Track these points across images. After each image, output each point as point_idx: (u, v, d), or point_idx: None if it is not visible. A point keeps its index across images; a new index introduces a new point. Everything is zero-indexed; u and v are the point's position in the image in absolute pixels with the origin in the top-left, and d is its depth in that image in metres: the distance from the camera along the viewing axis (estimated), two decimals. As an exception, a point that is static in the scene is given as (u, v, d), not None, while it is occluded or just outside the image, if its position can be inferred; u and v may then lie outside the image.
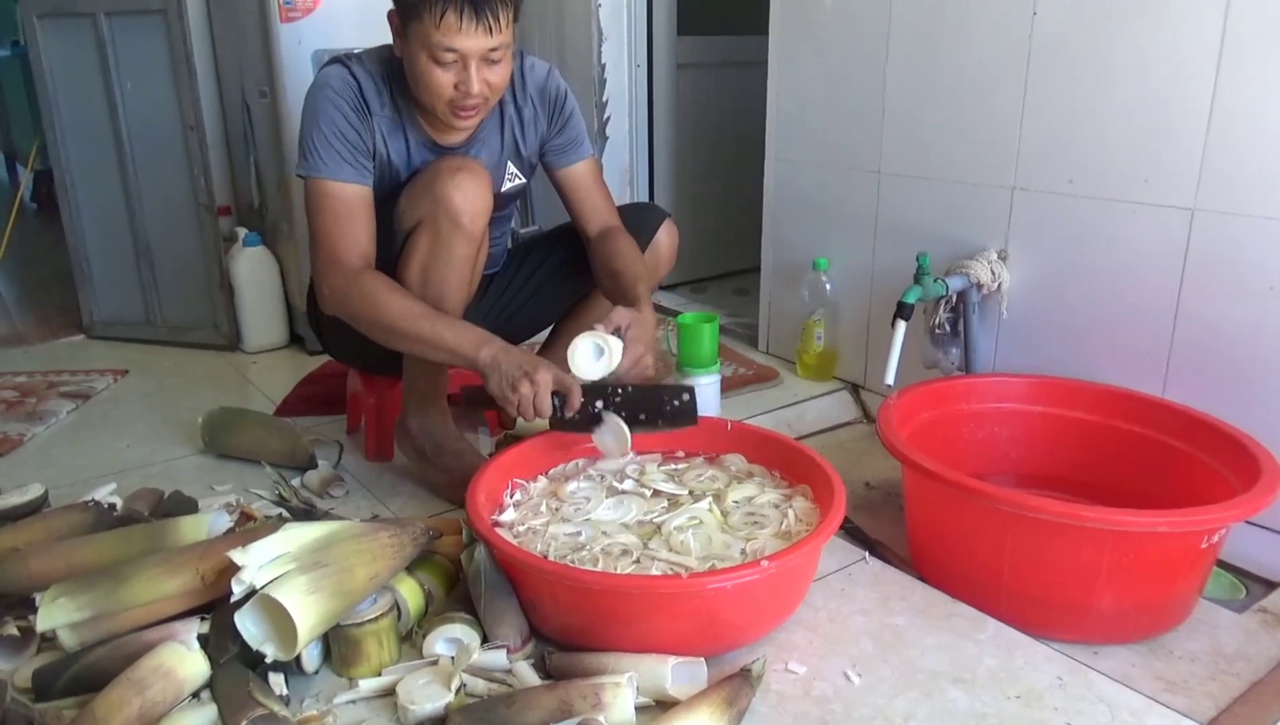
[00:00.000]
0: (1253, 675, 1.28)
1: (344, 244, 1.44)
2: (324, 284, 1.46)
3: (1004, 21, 1.73)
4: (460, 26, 1.34)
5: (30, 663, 1.17)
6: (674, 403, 1.42)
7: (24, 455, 1.89)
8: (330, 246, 1.44)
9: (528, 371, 1.34)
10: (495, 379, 1.35)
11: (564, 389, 1.37)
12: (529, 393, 1.34)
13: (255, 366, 2.43)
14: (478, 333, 1.40)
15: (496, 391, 1.36)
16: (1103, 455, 1.60)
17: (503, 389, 1.35)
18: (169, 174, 2.44)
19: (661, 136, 2.97)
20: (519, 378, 1.34)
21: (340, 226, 1.45)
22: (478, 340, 1.38)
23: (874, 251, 2.09)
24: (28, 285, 3.38)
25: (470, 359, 1.38)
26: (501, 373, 1.35)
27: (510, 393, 1.34)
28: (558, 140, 1.65)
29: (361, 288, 1.42)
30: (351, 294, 1.43)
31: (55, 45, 2.42)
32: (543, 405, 1.35)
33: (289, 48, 2.23)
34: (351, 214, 1.45)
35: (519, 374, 1.34)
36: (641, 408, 1.42)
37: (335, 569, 1.12)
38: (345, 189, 1.45)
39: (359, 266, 1.44)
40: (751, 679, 1.11)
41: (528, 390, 1.33)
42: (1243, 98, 1.45)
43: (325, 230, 1.45)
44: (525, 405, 1.34)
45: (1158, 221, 1.58)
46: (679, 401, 1.42)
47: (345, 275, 1.43)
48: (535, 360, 1.37)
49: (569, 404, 1.38)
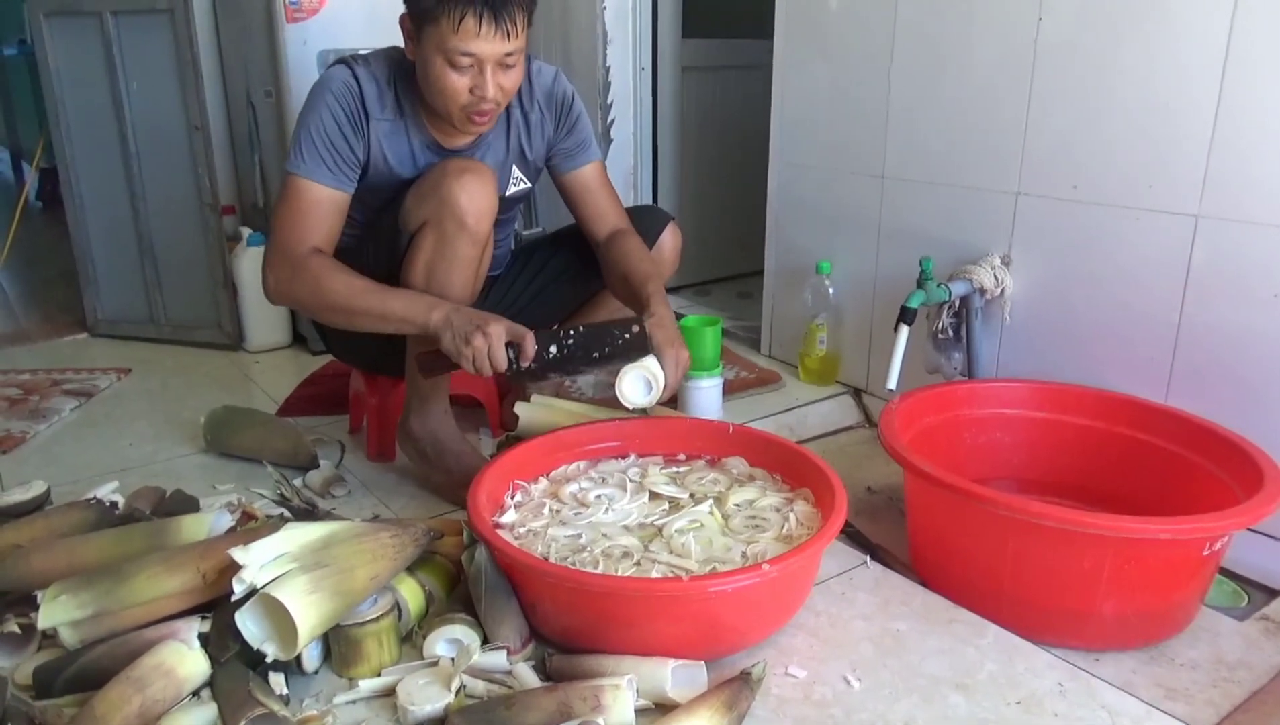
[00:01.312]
0: (1254, 683, 1.28)
1: (296, 237, 1.44)
2: (269, 274, 1.45)
3: (1009, 27, 1.73)
4: (479, 31, 1.34)
5: (31, 660, 1.17)
6: (625, 336, 1.40)
7: (27, 453, 1.89)
8: (283, 238, 1.44)
9: (479, 324, 1.33)
10: (448, 336, 1.35)
11: (518, 338, 1.36)
12: (483, 345, 1.32)
13: (258, 366, 2.44)
14: (426, 298, 1.40)
15: (450, 348, 1.35)
16: (1105, 461, 1.60)
17: (456, 345, 1.34)
18: (174, 173, 2.45)
19: (666, 139, 2.97)
20: (471, 331, 1.33)
21: (299, 222, 1.44)
22: (427, 305, 1.38)
23: (877, 256, 2.09)
24: (32, 283, 3.38)
25: (422, 324, 1.37)
26: (454, 329, 1.34)
27: (464, 347, 1.33)
28: (565, 144, 1.65)
29: (306, 272, 1.41)
30: (295, 279, 1.42)
31: (61, 44, 2.43)
32: (497, 356, 1.33)
33: (295, 48, 2.24)
34: (314, 212, 1.45)
35: (471, 328, 1.33)
36: (595, 347, 1.40)
37: (336, 569, 1.12)
38: (316, 189, 1.45)
39: (304, 253, 1.43)
40: (751, 682, 1.11)
41: (481, 342, 1.32)
42: (1248, 104, 1.45)
43: (283, 223, 1.45)
44: (480, 358, 1.33)
45: (1162, 228, 1.58)
46: (629, 334, 1.40)
47: (291, 263, 1.43)
48: (486, 314, 1.36)
49: (523, 353, 1.36)
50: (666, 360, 1.42)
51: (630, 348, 1.41)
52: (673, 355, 1.43)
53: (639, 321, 1.41)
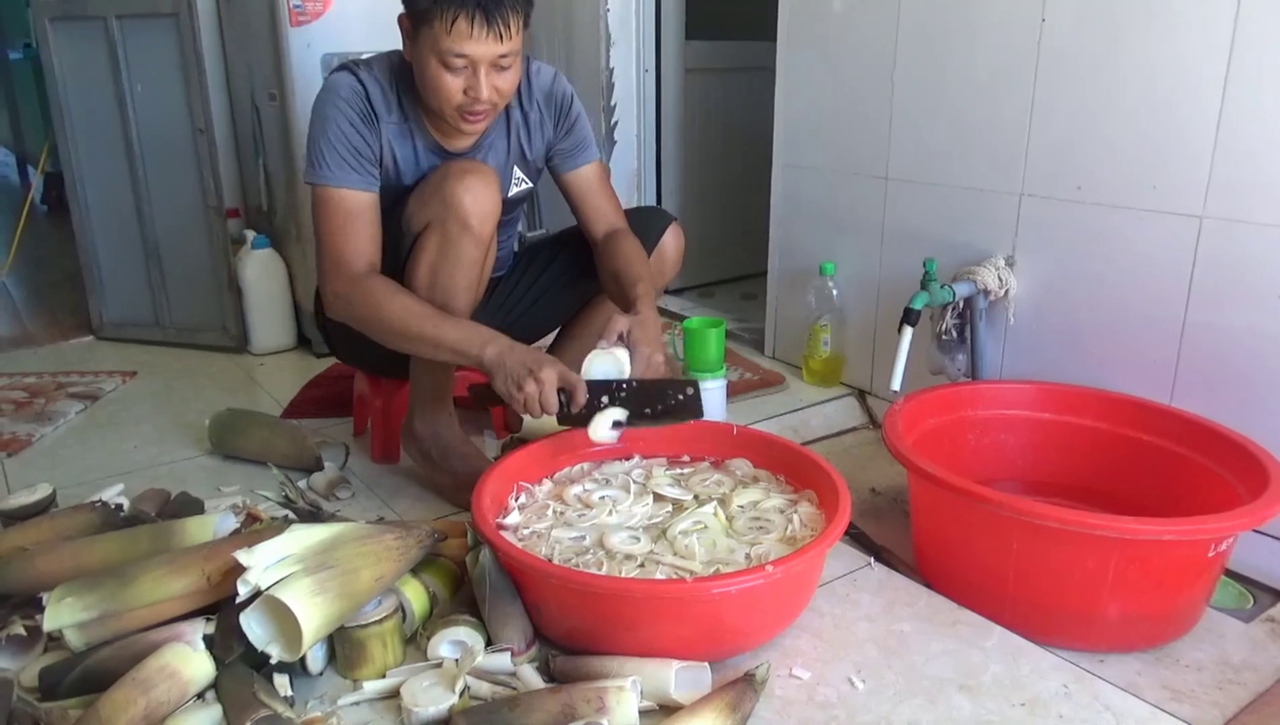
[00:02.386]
0: (1259, 685, 1.27)
1: (348, 249, 1.45)
2: (327, 288, 1.47)
3: (1012, 28, 1.73)
4: (471, 33, 1.35)
5: (36, 662, 1.17)
6: (679, 397, 1.42)
7: (32, 456, 1.90)
8: (334, 252, 1.45)
9: (532, 369, 1.34)
10: (501, 378, 1.36)
11: (569, 386, 1.37)
12: (534, 391, 1.34)
13: (263, 368, 2.44)
14: (481, 331, 1.41)
15: (502, 390, 1.36)
16: (1110, 463, 1.59)
17: (508, 387, 1.35)
18: (178, 176, 2.45)
19: (669, 141, 2.97)
20: (524, 376, 1.34)
21: (345, 232, 1.45)
22: (482, 339, 1.39)
23: (881, 257, 2.09)
24: (38, 287, 3.39)
25: (475, 358, 1.38)
26: (507, 371, 1.35)
27: (516, 392, 1.35)
28: (564, 144, 1.65)
29: (364, 291, 1.43)
30: (354, 297, 1.44)
31: (66, 48, 2.44)
32: (549, 402, 1.35)
33: (298, 51, 2.24)
34: (356, 220, 1.46)
35: (524, 372, 1.34)
36: (646, 402, 1.42)
37: (340, 571, 1.13)
38: (350, 195, 1.46)
39: (363, 270, 1.45)
40: (755, 684, 1.11)
41: (533, 388, 1.34)
42: (1252, 104, 1.45)
43: (330, 236, 1.46)
44: (531, 403, 1.35)
45: (1166, 229, 1.58)
46: (684, 395, 1.42)
47: (348, 279, 1.44)
48: (540, 357, 1.37)
49: (574, 401, 1.38)
50: (638, 358, 1.43)
51: (682, 409, 1.42)
52: (645, 354, 1.44)
53: (694, 384, 1.42)
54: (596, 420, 1.40)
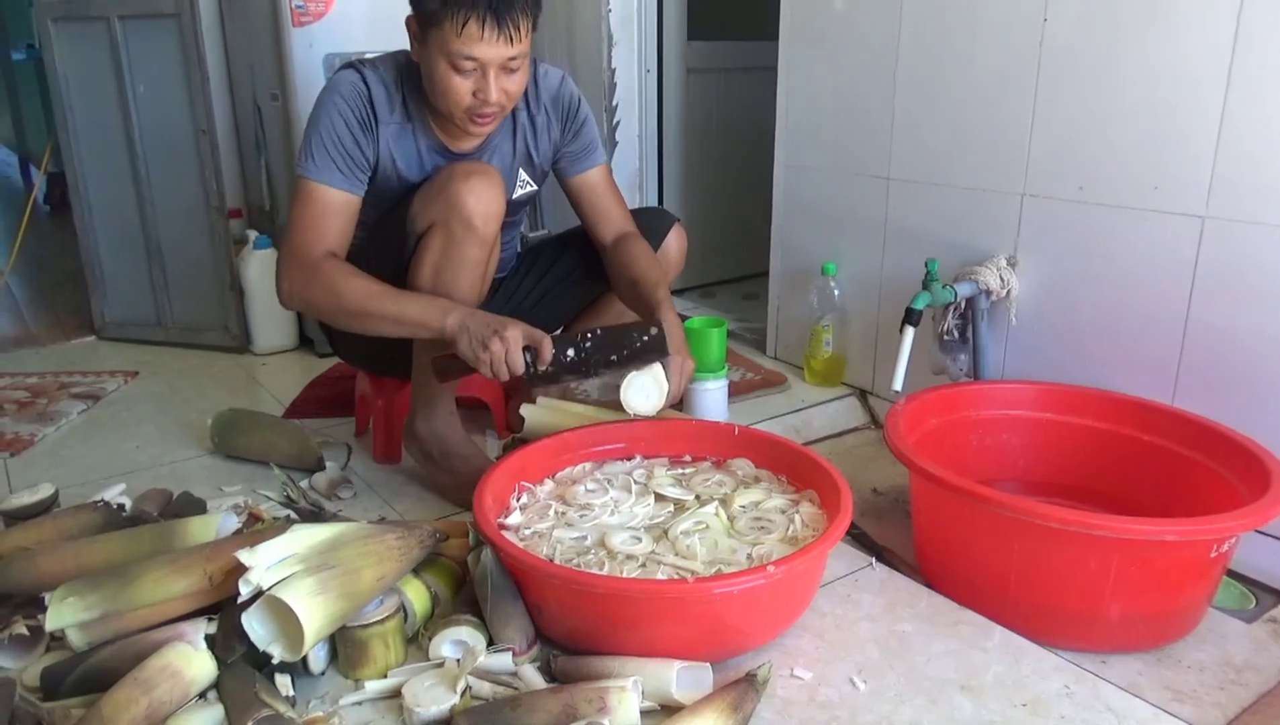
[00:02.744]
0: (1261, 686, 1.27)
1: (311, 240, 1.44)
2: (284, 278, 1.46)
3: (1014, 28, 1.73)
4: (481, 35, 1.35)
5: (39, 662, 1.18)
6: (643, 338, 1.40)
7: (35, 455, 1.90)
8: (297, 242, 1.45)
9: (496, 328, 1.33)
10: (465, 341, 1.35)
11: (535, 342, 1.35)
12: (500, 350, 1.32)
13: (265, 368, 2.45)
14: (442, 302, 1.40)
15: (467, 352, 1.35)
16: (1112, 463, 1.59)
17: (473, 349, 1.34)
18: (181, 177, 2.46)
19: (671, 141, 2.97)
20: (489, 335, 1.33)
21: (313, 226, 1.45)
22: (443, 308, 1.38)
23: (883, 257, 2.09)
24: (40, 287, 3.40)
25: (438, 328, 1.37)
26: (470, 334, 1.34)
27: (481, 352, 1.33)
28: (571, 147, 1.65)
29: (321, 276, 1.42)
30: (311, 283, 1.43)
31: (69, 48, 2.44)
32: (515, 361, 1.33)
33: (301, 51, 2.25)
34: (328, 216, 1.46)
35: (488, 332, 1.33)
36: (612, 350, 1.40)
37: (342, 571, 1.13)
38: (329, 193, 1.46)
39: (321, 256, 1.44)
40: (757, 684, 1.11)
41: (498, 347, 1.32)
42: (1254, 105, 1.45)
43: (297, 227, 1.45)
44: (497, 362, 1.33)
45: (1168, 229, 1.58)
46: (647, 336, 1.40)
47: (304, 267, 1.43)
48: (503, 319, 1.36)
49: (540, 357, 1.36)
50: (671, 367, 1.43)
51: (647, 350, 1.41)
52: (679, 363, 1.44)
53: (655, 324, 1.42)
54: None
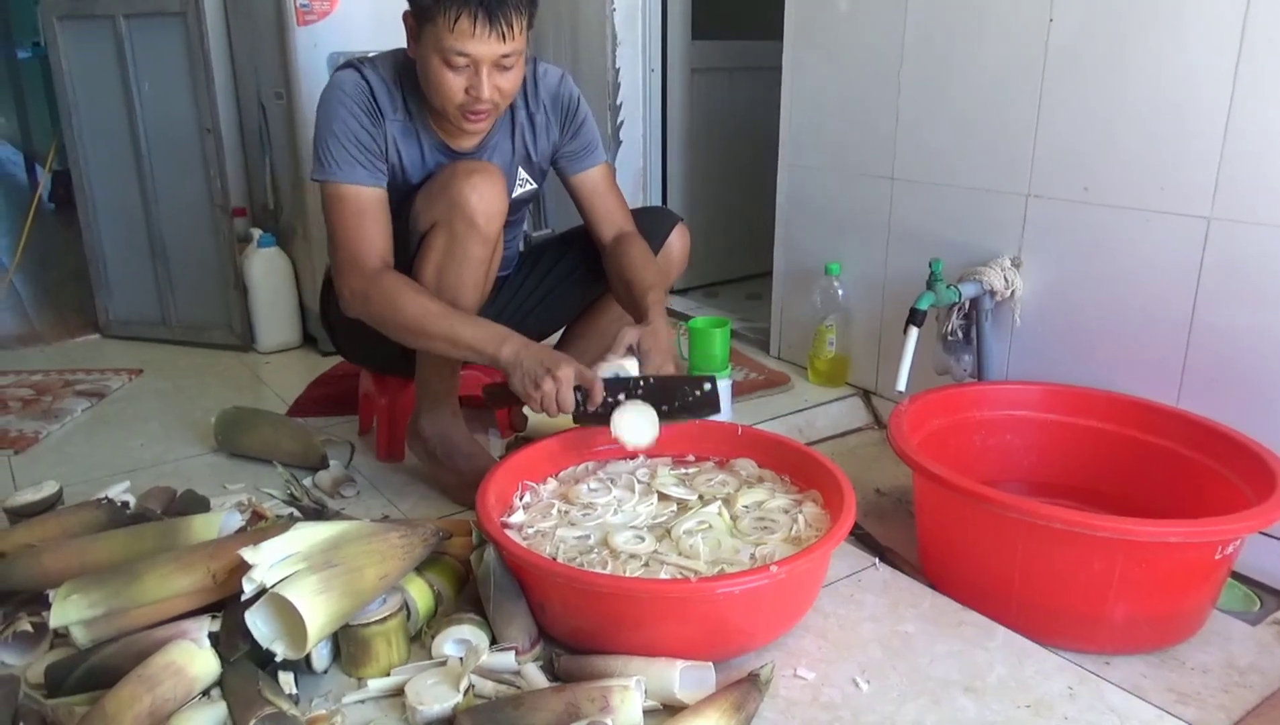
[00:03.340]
0: (1265, 688, 1.27)
1: (362, 246, 1.45)
2: (344, 286, 1.47)
3: (1019, 28, 1.73)
4: (474, 32, 1.35)
5: (43, 659, 1.18)
6: (696, 393, 1.42)
7: (39, 453, 1.90)
8: (349, 249, 1.46)
9: (549, 367, 1.35)
10: (518, 376, 1.36)
11: (586, 383, 1.37)
12: (551, 389, 1.34)
13: (268, 366, 2.45)
14: (497, 329, 1.41)
15: (519, 388, 1.36)
16: (1116, 464, 1.59)
17: (525, 386, 1.36)
18: (185, 175, 2.46)
19: (675, 140, 2.97)
20: (541, 374, 1.34)
21: (357, 229, 1.46)
22: (498, 337, 1.39)
23: (887, 257, 2.09)
24: (45, 284, 3.41)
25: (491, 356, 1.38)
26: (524, 370, 1.36)
27: (533, 390, 1.35)
28: (570, 146, 1.65)
29: (381, 288, 1.43)
30: (372, 295, 1.44)
31: (74, 47, 2.45)
32: (565, 401, 1.35)
33: (305, 50, 2.25)
34: (367, 216, 1.46)
35: (541, 371, 1.35)
36: (664, 399, 1.42)
37: (345, 569, 1.13)
38: (360, 191, 1.46)
39: (378, 267, 1.45)
40: (760, 684, 1.11)
41: (550, 387, 1.34)
42: (1260, 106, 1.44)
43: (343, 233, 1.46)
44: (549, 401, 1.35)
45: (1173, 230, 1.57)
46: (701, 391, 1.42)
47: (364, 277, 1.44)
48: (556, 356, 1.37)
49: (591, 399, 1.38)
50: (647, 367, 1.44)
51: (700, 405, 1.42)
52: (656, 364, 1.44)
53: (711, 380, 1.42)
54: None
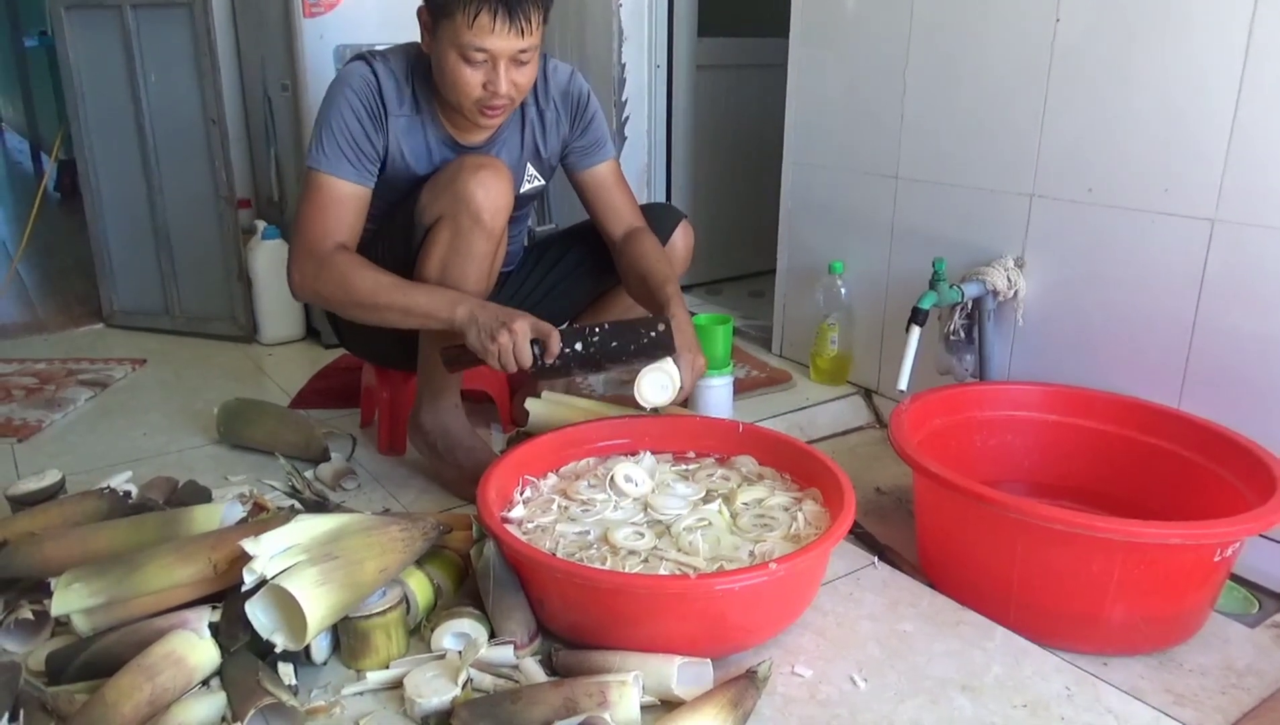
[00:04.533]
0: (1263, 691, 1.27)
1: (321, 232, 1.45)
2: (294, 270, 1.47)
3: (1025, 28, 1.73)
4: (493, 27, 1.35)
5: (44, 647, 1.18)
6: (650, 334, 1.41)
7: (42, 441, 1.91)
8: (307, 234, 1.45)
9: (504, 321, 1.34)
10: (474, 332, 1.36)
11: (542, 335, 1.37)
12: (508, 342, 1.34)
13: (271, 358, 2.45)
14: (451, 293, 1.41)
15: (476, 344, 1.36)
16: (1117, 466, 1.59)
17: (481, 341, 1.35)
18: (190, 166, 2.46)
19: (680, 137, 2.97)
20: (497, 328, 1.34)
21: (322, 217, 1.45)
22: (452, 300, 1.39)
23: (890, 256, 2.09)
24: (49, 273, 3.41)
25: (446, 319, 1.38)
26: (479, 326, 1.35)
27: (489, 343, 1.34)
28: (579, 142, 1.65)
29: (331, 268, 1.43)
30: (321, 275, 1.43)
31: (81, 36, 2.45)
32: (522, 353, 1.35)
33: (311, 42, 2.25)
34: (338, 207, 1.46)
35: (496, 324, 1.34)
36: (620, 344, 1.41)
37: (346, 561, 1.13)
38: (339, 185, 1.46)
39: (330, 249, 1.44)
40: (757, 681, 1.11)
41: (506, 339, 1.34)
42: (1266, 108, 1.44)
43: (307, 219, 1.46)
44: (505, 354, 1.34)
45: (1177, 232, 1.57)
46: (655, 332, 1.41)
47: (315, 258, 1.44)
48: (511, 311, 1.37)
49: (548, 350, 1.37)
50: (683, 364, 1.43)
51: (655, 346, 1.41)
52: (689, 359, 1.44)
53: (664, 320, 1.42)
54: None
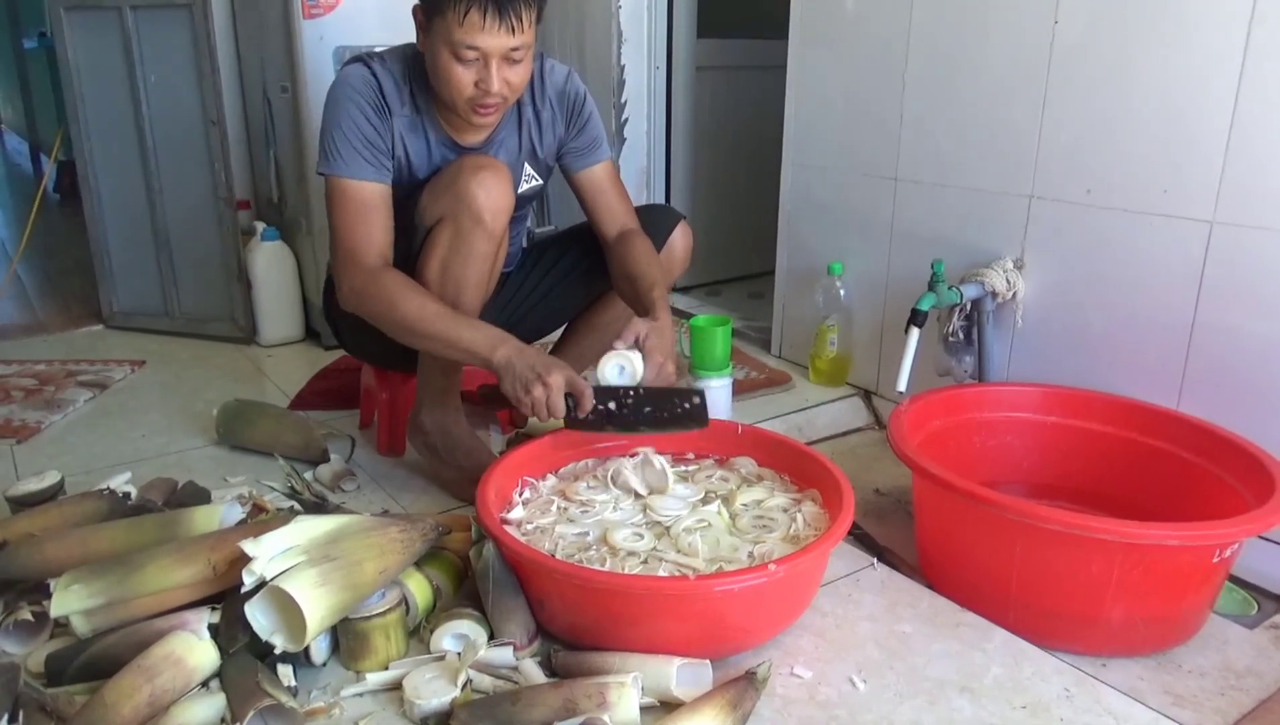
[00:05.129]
0: (1262, 692, 1.27)
1: (362, 242, 1.46)
2: (343, 282, 1.47)
3: (1024, 30, 1.73)
4: (484, 25, 1.35)
5: (43, 648, 1.18)
6: (685, 406, 1.43)
7: (41, 442, 1.91)
8: (349, 244, 1.46)
9: (540, 373, 1.35)
10: (509, 380, 1.37)
11: (576, 391, 1.38)
12: (542, 395, 1.35)
13: (271, 359, 2.45)
14: (493, 332, 1.41)
15: (510, 393, 1.37)
16: (1116, 467, 1.59)
17: (516, 390, 1.36)
18: (190, 167, 2.47)
19: (679, 139, 2.97)
20: (532, 380, 1.35)
21: (359, 224, 1.46)
22: (493, 340, 1.39)
23: (889, 258, 2.09)
24: (49, 274, 3.41)
25: (485, 359, 1.39)
26: (515, 375, 1.36)
27: (524, 394, 1.36)
28: (576, 143, 1.65)
29: (379, 286, 1.43)
30: (369, 292, 1.44)
31: (81, 38, 2.45)
32: (556, 407, 1.36)
33: (311, 44, 2.25)
34: (370, 212, 1.47)
35: (532, 376, 1.35)
36: (653, 410, 1.43)
37: (345, 562, 1.13)
38: (364, 187, 1.46)
39: (377, 264, 1.45)
40: (756, 682, 1.11)
41: (540, 393, 1.35)
42: (1264, 110, 1.44)
43: (344, 228, 1.47)
44: (539, 407, 1.36)
45: (1176, 233, 1.57)
46: (689, 404, 1.43)
47: (363, 273, 1.45)
48: (549, 361, 1.37)
49: (581, 407, 1.39)
50: (650, 365, 1.44)
51: (688, 418, 1.43)
52: (658, 363, 1.44)
53: (700, 393, 1.44)
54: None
